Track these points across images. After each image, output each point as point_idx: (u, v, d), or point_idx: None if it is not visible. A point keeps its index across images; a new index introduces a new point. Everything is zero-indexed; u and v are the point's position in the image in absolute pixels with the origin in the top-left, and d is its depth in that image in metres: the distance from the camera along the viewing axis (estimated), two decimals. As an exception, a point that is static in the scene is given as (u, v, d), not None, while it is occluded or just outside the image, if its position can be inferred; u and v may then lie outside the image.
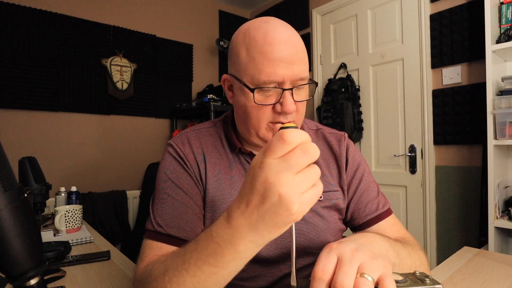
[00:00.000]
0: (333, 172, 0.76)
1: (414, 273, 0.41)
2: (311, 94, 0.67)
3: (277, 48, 0.59)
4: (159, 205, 0.67)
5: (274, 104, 0.62)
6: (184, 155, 0.70)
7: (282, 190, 0.34)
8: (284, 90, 0.60)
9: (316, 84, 0.67)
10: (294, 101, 0.62)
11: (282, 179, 0.34)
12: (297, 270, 0.38)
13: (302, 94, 0.65)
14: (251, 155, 0.72)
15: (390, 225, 0.73)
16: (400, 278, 0.39)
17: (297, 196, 0.34)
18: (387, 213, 0.74)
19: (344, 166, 0.76)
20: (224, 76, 0.70)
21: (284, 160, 0.34)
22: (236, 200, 0.39)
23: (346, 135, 0.81)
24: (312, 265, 0.72)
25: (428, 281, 0.39)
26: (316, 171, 0.35)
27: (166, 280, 0.47)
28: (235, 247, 0.39)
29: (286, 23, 0.64)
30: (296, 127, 0.37)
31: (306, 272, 0.72)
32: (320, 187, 0.36)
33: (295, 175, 0.34)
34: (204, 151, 0.72)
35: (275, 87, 0.61)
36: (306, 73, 0.62)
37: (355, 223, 0.75)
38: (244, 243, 0.39)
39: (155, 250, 0.62)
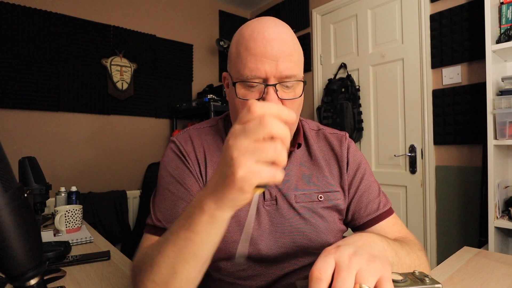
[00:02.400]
0: (334, 172, 0.76)
1: (413, 273, 0.41)
2: (301, 93, 0.65)
3: (261, 44, 0.59)
4: (160, 200, 0.68)
5: (258, 100, 0.62)
6: (186, 152, 0.71)
7: (234, 152, 0.37)
8: (266, 85, 0.60)
9: (304, 82, 0.65)
10: (280, 98, 0.61)
11: (237, 142, 0.37)
12: (296, 270, 0.38)
13: (291, 92, 0.63)
14: None
15: (391, 225, 0.73)
16: (399, 278, 0.39)
17: (246, 162, 0.36)
18: (388, 213, 0.74)
19: (345, 166, 0.75)
20: (224, 73, 0.71)
21: (243, 126, 0.37)
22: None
23: (347, 135, 0.81)
24: (312, 265, 0.72)
25: (427, 281, 0.39)
26: (275, 149, 0.36)
27: (154, 254, 0.51)
28: (201, 206, 0.43)
29: (280, 22, 0.64)
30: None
31: (306, 273, 0.72)
32: (279, 173, 0.37)
33: (251, 143, 0.36)
34: (206, 149, 0.72)
35: (260, 83, 0.61)
36: (293, 71, 0.61)
37: (356, 223, 0.75)
38: (207, 203, 0.42)
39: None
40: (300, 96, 0.64)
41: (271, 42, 0.59)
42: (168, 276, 0.48)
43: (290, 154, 0.73)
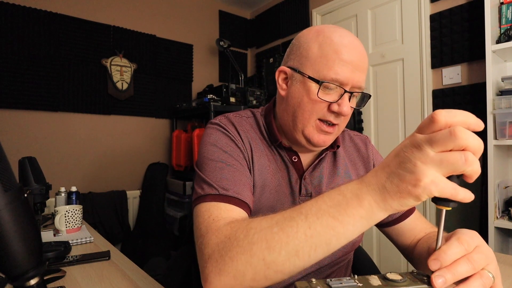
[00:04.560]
0: (360, 173, 0.79)
1: (412, 272, 0.41)
2: (360, 104, 0.70)
3: (351, 52, 0.63)
4: (218, 172, 0.63)
5: (331, 103, 0.65)
6: (232, 135, 0.70)
7: (419, 161, 0.35)
8: (346, 91, 0.64)
9: (369, 96, 0.70)
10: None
11: (422, 152, 0.35)
12: (314, 272, 0.38)
13: (354, 101, 0.68)
14: (290, 151, 0.74)
15: (418, 217, 0.78)
16: (399, 277, 0.39)
17: (432, 173, 0.35)
18: (414, 207, 0.78)
19: (372, 168, 0.78)
20: (282, 68, 0.71)
21: (428, 136, 0.36)
22: (375, 167, 0.42)
23: (369, 138, 0.86)
24: (325, 268, 0.73)
25: (426, 280, 0.39)
26: (467, 160, 0.34)
27: (274, 231, 0.45)
28: (360, 200, 0.41)
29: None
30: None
31: (322, 275, 0.73)
32: (462, 189, 0.36)
33: (437, 153, 0.35)
34: (248, 137, 0.73)
35: (338, 86, 0.64)
36: (364, 84, 0.67)
37: (386, 219, 0.77)
38: (368, 199, 0.40)
39: (226, 212, 0.57)
40: (359, 108, 0.71)
41: (357, 53, 0.64)
42: (285, 258, 0.44)
43: (324, 153, 0.76)
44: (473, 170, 0.35)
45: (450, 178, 0.37)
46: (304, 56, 0.66)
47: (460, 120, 0.36)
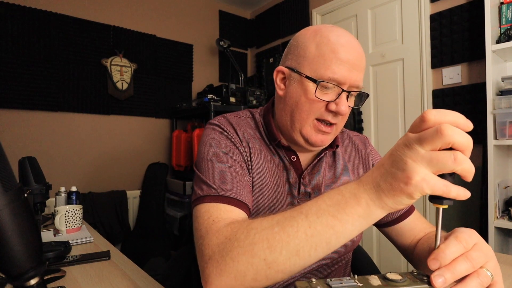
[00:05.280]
0: (360, 173, 0.79)
1: (412, 272, 0.41)
2: (358, 104, 0.70)
3: (348, 51, 0.63)
4: (217, 173, 0.63)
5: (328, 102, 0.65)
6: (231, 135, 0.71)
7: (410, 159, 0.36)
8: (343, 90, 0.64)
9: (367, 95, 0.70)
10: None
11: (413, 150, 0.36)
12: (313, 271, 0.38)
13: (352, 100, 0.68)
14: (289, 150, 0.74)
15: (418, 217, 0.77)
16: (398, 277, 0.39)
17: (423, 171, 0.36)
18: (413, 207, 0.78)
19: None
20: (280, 68, 0.71)
21: (418, 135, 0.37)
22: (372, 167, 0.43)
23: (368, 138, 0.86)
24: (324, 267, 0.73)
25: (426, 280, 0.39)
26: (456, 158, 0.35)
27: (275, 231, 0.46)
28: (357, 199, 0.42)
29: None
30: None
31: (320, 275, 0.73)
32: (455, 187, 0.36)
33: (427, 152, 0.36)
34: (247, 137, 0.73)
35: (336, 86, 0.64)
36: (362, 83, 0.66)
37: (385, 219, 0.77)
38: (365, 198, 0.41)
39: (225, 213, 0.57)
40: (358, 106, 0.71)
41: (355, 52, 0.64)
42: (286, 257, 0.44)
43: (323, 153, 0.76)
44: (464, 169, 0.36)
45: (443, 176, 0.37)
46: (301, 55, 0.66)
47: (450, 119, 0.36)
